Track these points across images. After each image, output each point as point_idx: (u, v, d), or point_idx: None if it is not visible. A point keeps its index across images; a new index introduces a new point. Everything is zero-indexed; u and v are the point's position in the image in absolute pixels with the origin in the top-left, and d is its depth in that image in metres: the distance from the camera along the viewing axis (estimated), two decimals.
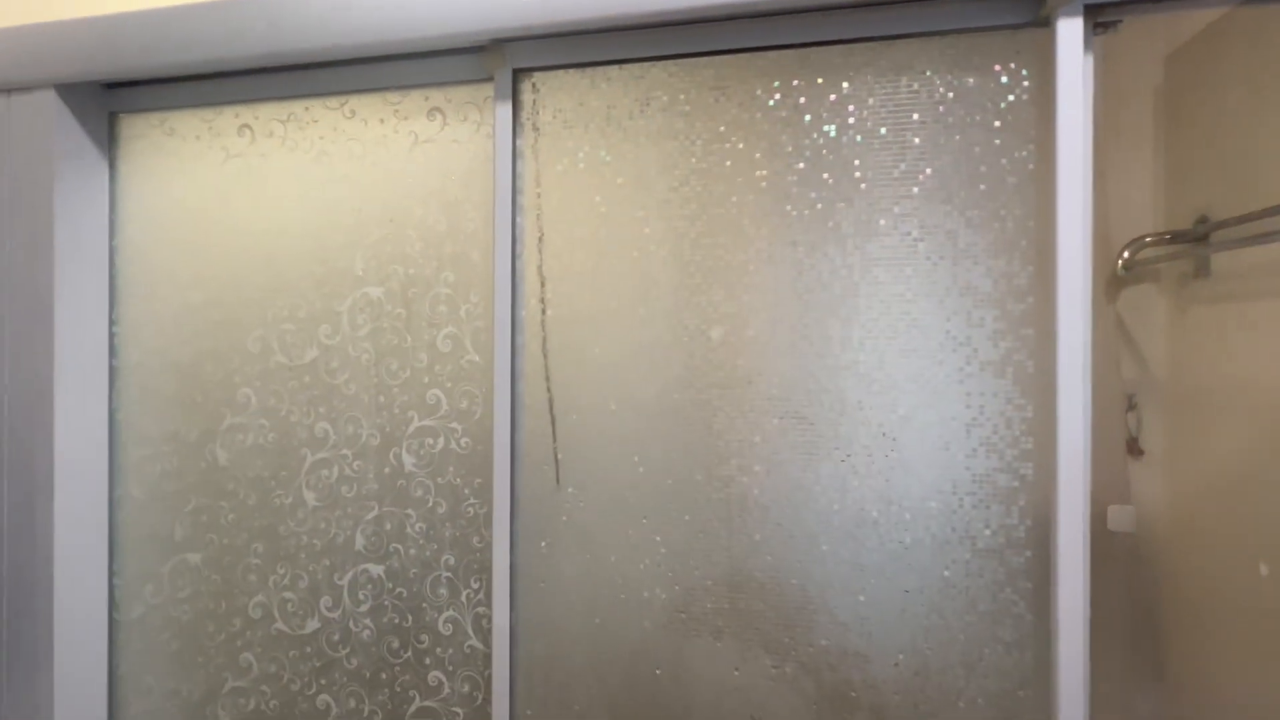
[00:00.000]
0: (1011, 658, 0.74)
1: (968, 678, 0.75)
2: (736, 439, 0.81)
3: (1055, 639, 0.72)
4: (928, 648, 0.76)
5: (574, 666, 0.86)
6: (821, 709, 0.78)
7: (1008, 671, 0.74)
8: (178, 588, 1.00)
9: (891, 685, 0.77)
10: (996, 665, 0.75)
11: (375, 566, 0.93)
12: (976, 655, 0.75)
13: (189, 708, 0.99)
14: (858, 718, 0.78)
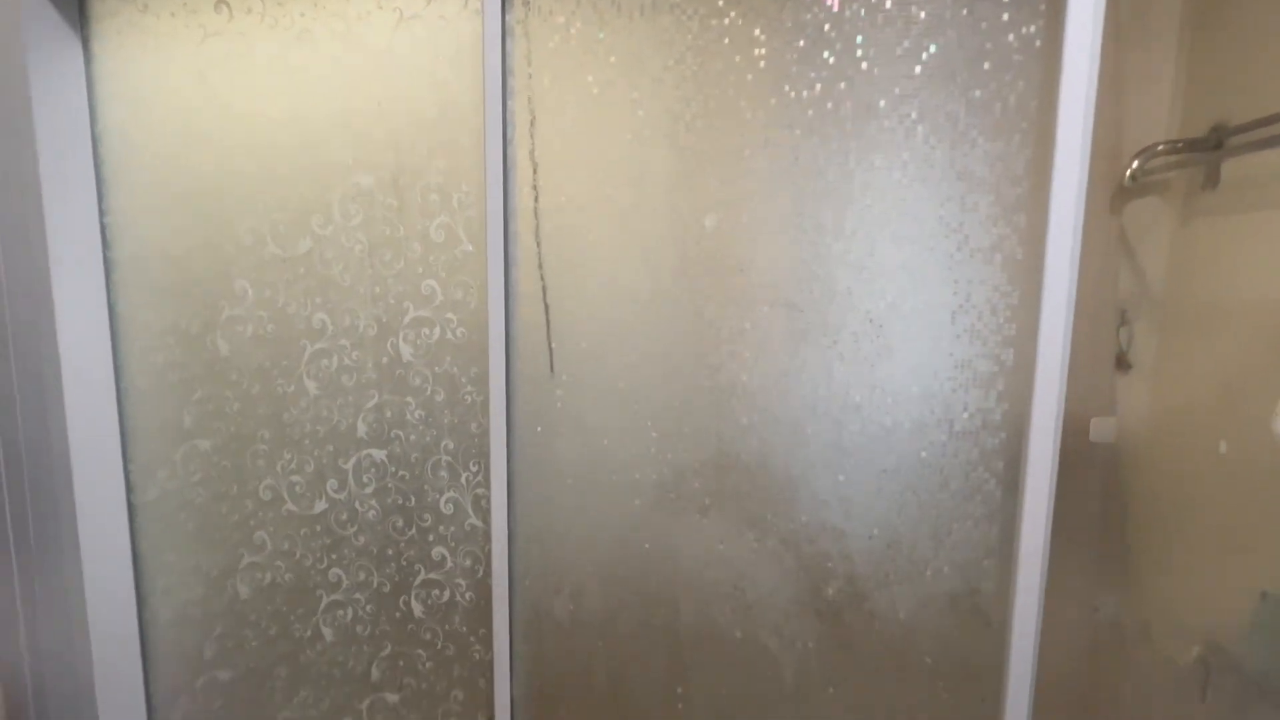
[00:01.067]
0: (979, 531, 0.79)
1: (936, 550, 0.80)
2: (727, 326, 0.83)
3: (1021, 510, 0.77)
4: (901, 523, 0.81)
5: (568, 542, 0.91)
6: (799, 579, 0.84)
7: (974, 543, 0.79)
8: (190, 472, 1.04)
9: (865, 557, 0.82)
10: (965, 538, 0.79)
11: (378, 451, 0.97)
12: (946, 530, 0.80)
13: (209, 581, 1.06)
14: (832, 586, 0.84)
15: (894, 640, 0.82)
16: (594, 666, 0.93)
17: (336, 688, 1.03)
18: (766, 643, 0.86)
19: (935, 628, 0.81)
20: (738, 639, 0.87)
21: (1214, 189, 1.33)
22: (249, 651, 1.05)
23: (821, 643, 0.84)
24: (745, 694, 0.87)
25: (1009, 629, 0.79)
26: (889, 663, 0.82)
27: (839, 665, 0.84)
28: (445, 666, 1.00)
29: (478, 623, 0.97)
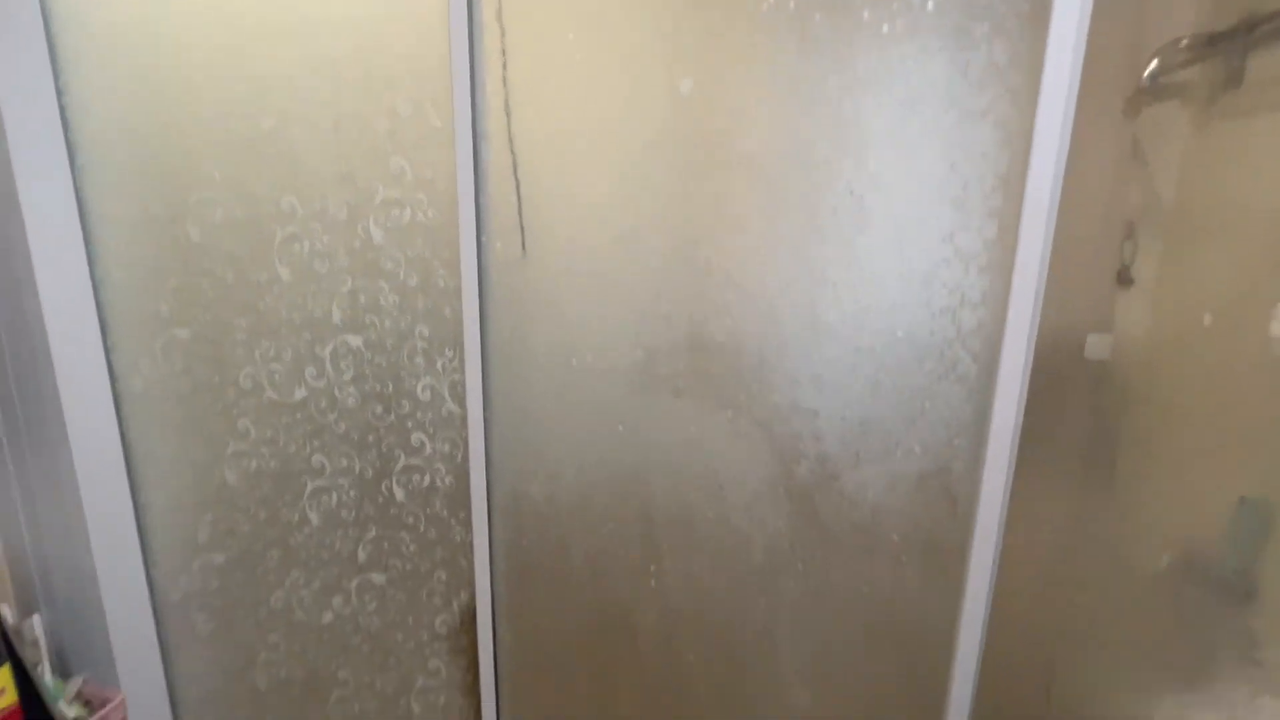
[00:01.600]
0: (951, 409, 0.78)
1: (907, 429, 0.80)
2: (703, 201, 0.80)
3: (994, 388, 0.76)
4: (873, 402, 0.80)
5: (544, 426, 0.92)
6: (770, 459, 0.85)
7: (947, 423, 0.79)
8: (172, 362, 1.05)
9: (837, 437, 0.82)
10: (937, 417, 0.79)
11: (354, 338, 0.97)
12: (919, 409, 0.79)
13: (200, 473, 1.09)
14: (802, 466, 0.84)
15: (863, 518, 0.83)
16: (570, 547, 0.95)
17: (325, 569, 1.07)
18: (738, 523, 0.88)
19: (904, 507, 0.82)
20: (710, 519, 0.88)
21: (1236, 89, 1.25)
22: (241, 535, 1.09)
23: (792, 521, 0.86)
24: (717, 572, 0.90)
25: (975, 507, 0.80)
26: (857, 540, 0.84)
27: (808, 543, 0.86)
28: (428, 549, 1.03)
29: (458, 506, 0.99)
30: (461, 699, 1.07)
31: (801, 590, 0.87)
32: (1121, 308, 1.57)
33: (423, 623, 1.06)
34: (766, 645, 0.90)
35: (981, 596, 0.83)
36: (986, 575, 0.83)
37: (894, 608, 0.85)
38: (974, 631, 0.84)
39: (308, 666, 1.12)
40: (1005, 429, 0.77)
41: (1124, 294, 1.58)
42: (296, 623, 1.11)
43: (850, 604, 0.86)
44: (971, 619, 0.84)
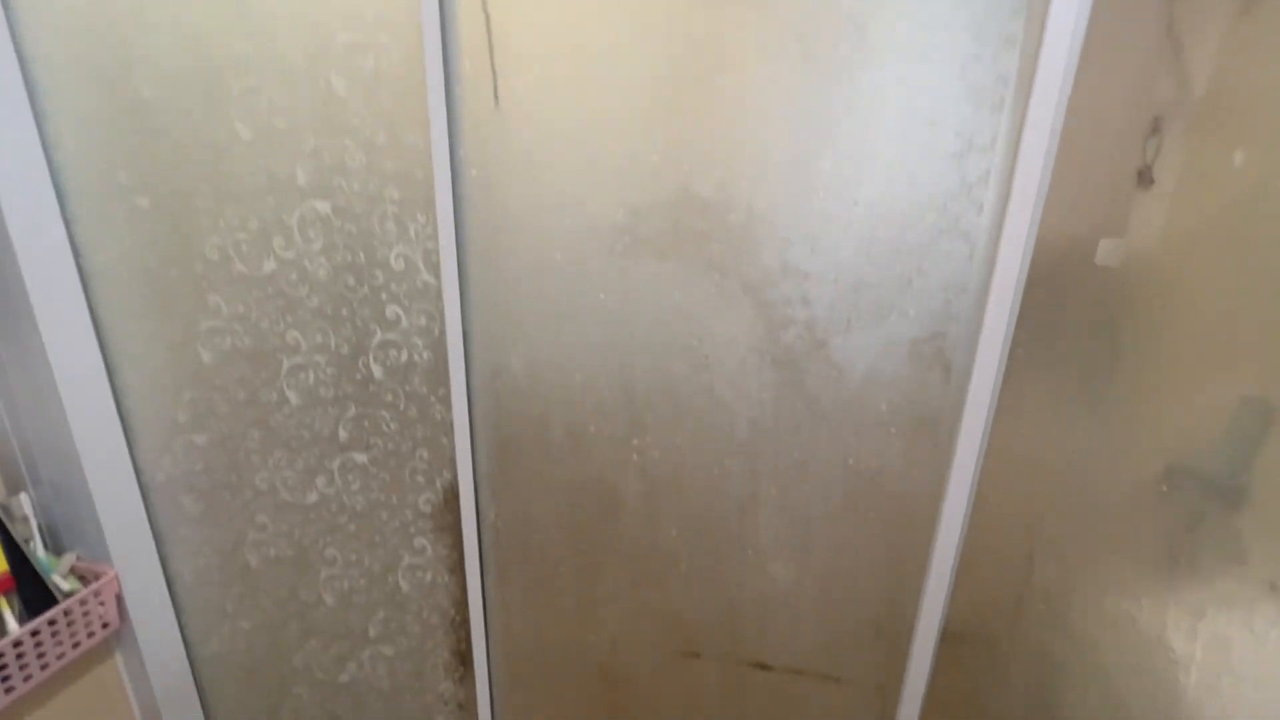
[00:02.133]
0: (950, 269, 0.74)
1: (902, 291, 0.76)
2: (691, 39, 0.73)
3: (999, 245, 0.71)
4: (869, 262, 0.76)
5: (522, 294, 0.88)
6: (756, 325, 0.81)
7: (944, 284, 0.75)
8: (136, 234, 1.00)
9: (828, 301, 0.78)
10: (935, 279, 0.75)
11: (321, 203, 0.92)
12: (915, 269, 0.75)
13: (174, 348, 1.06)
14: (790, 333, 0.81)
15: (851, 387, 0.81)
16: (552, 422, 0.93)
17: (307, 450, 1.06)
18: (723, 393, 0.85)
19: (894, 375, 0.79)
20: (694, 390, 0.86)
21: None
22: (221, 416, 1.07)
23: (778, 391, 0.83)
24: (700, 444, 0.88)
25: (969, 378, 0.77)
26: (844, 410, 0.82)
27: (794, 414, 0.83)
28: (408, 427, 1.01)
29: (436, 382, 0.97)
30: (448, 575, 1.08)
31: (786, 462, 0.86)
32: (1138, 210, 1.50)
33: (407, 501, 1.06)
34: (749, 518, 0.90)
35: (969, 471, 0.81)
36: (975, 450, 0.81)
37: (879, 480, 0.84)
38: (959, 506, 0.83)
39: (296, 545, 1.13)
40: (1006, 293, 0.73)
41: (1143, 196, 1.50)
42: (282, 503, 1.11)
43: (835, 476, 0.84)
44: (957, 493, 0.82)
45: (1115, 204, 1.52)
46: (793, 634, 0.94)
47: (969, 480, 0.81)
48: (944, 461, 0.81)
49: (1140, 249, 1.55)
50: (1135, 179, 1.56)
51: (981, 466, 0.81)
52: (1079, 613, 0.89)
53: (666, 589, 0.96)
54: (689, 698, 1.02)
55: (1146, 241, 1.54)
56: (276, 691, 1.26)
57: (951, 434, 0.80)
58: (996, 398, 0.78)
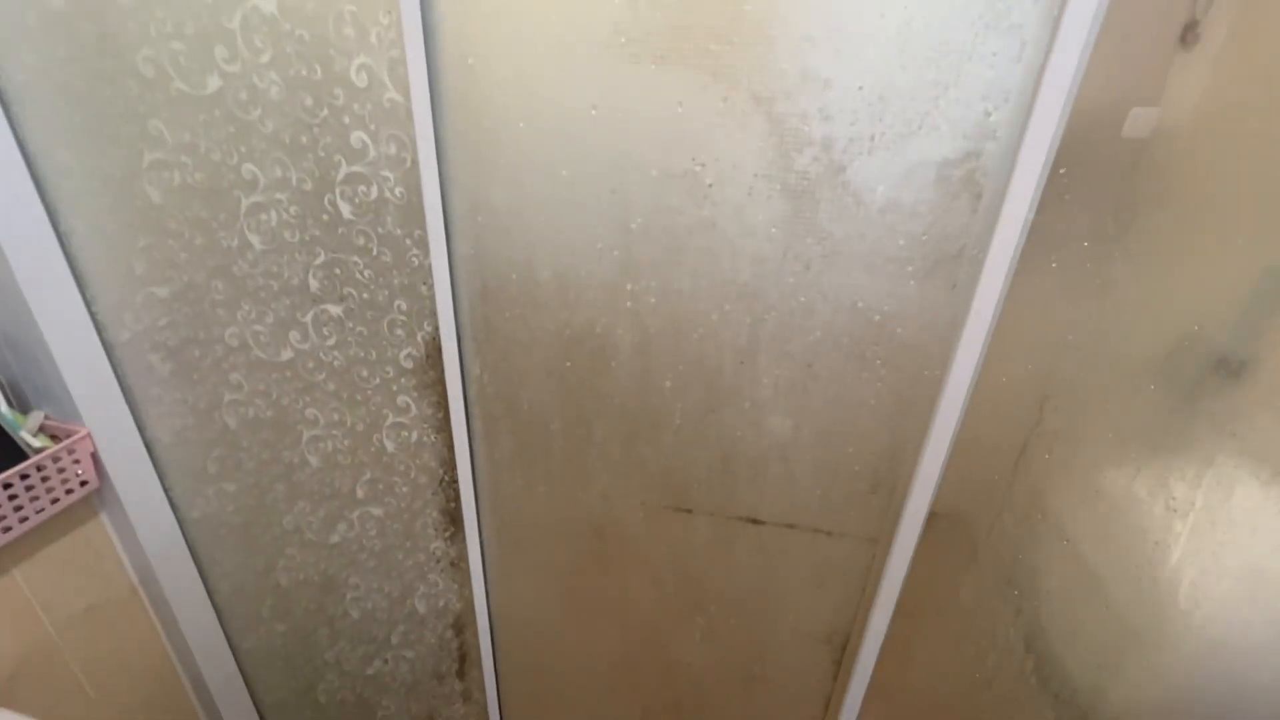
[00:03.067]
0: (995, 73, 0.64)
1: (936, 101, 0.67)
2: None
3: (1055, 36, 0.62)
4: (900, 65, 0.66)
5: (502, 109, 0.78)
6: (767, 146, 0.73)
7: (985, 92, 0.65)
8: (55, 44, 0.87)
9: (850, 114, 0.69)
10: (976, 84, 0.65)
11: (265, 2, 0.79)
12: (954, 73, 0.65)
13: (114, 185, 0.96)
14: (805, 155, 0.72)
15: (868, 219, 0.73)
16: (538, 264, 0.86)
17: (277, 301, 0.99)
18: (726, 228, 0.78)
19: (918, 203, 0.71)
20: (694, 224, 0.78)
21: None
22: (179, 265, 0.99)
23: (789, 225, 0.75)
24: (700, 288, 0.82)
25: (1001, 204, 0.69)
26: (858, 245, 0.75)
27: (804, 250, 0.76)
28: (383, 274, 0.94)
29: (412, 222, 0.89)
30: (434, 434, 1.05)
31: (791, 306, 0.80)
32: (1176, 75, 1.37)
33: (387, 357, 1.00)
34: (748, 368, 0.85)
35: (985, 320, 0.76)
36: (996, 295, 0.75)
37: (889, 326, 0.78)
38: (971, 355, 0.78)
39: (275, 405, 1.09)
40: (1056, 99, 0.64)
41: (1182, 58, 1.37)
42: (256, 360, 1.05)
43: (842, 321, 0.79)
44: (970, 344, 0.77)
45: (1152, 68, 1.39)
46: (787, 488, 0.92)
47: (984, 329, 0.75)
48: (961, 306, 0.75)
49: (1173, 119, 1.43)
50: (1179, 36, 1.41)
51: (999, 317, 0.75)
52: (1065, 493, 0.88)
53: (659, 444, 0.93)
54: (680, 552, 1.02)
55: (1181, 109, 1.42)
56: (269, 553, 1.27)
57: (974, 274, 0.73)
58: (1026, 235, 0.71)
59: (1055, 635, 0.93)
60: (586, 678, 1.23)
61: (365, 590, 1.28)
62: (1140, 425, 0.93)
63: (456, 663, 1.34)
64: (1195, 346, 1.04)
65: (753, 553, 0.99)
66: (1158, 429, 0.92)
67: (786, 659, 1.09)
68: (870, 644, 0.99)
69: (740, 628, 1.07)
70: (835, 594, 1.00)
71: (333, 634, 1.37)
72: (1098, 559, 0.85)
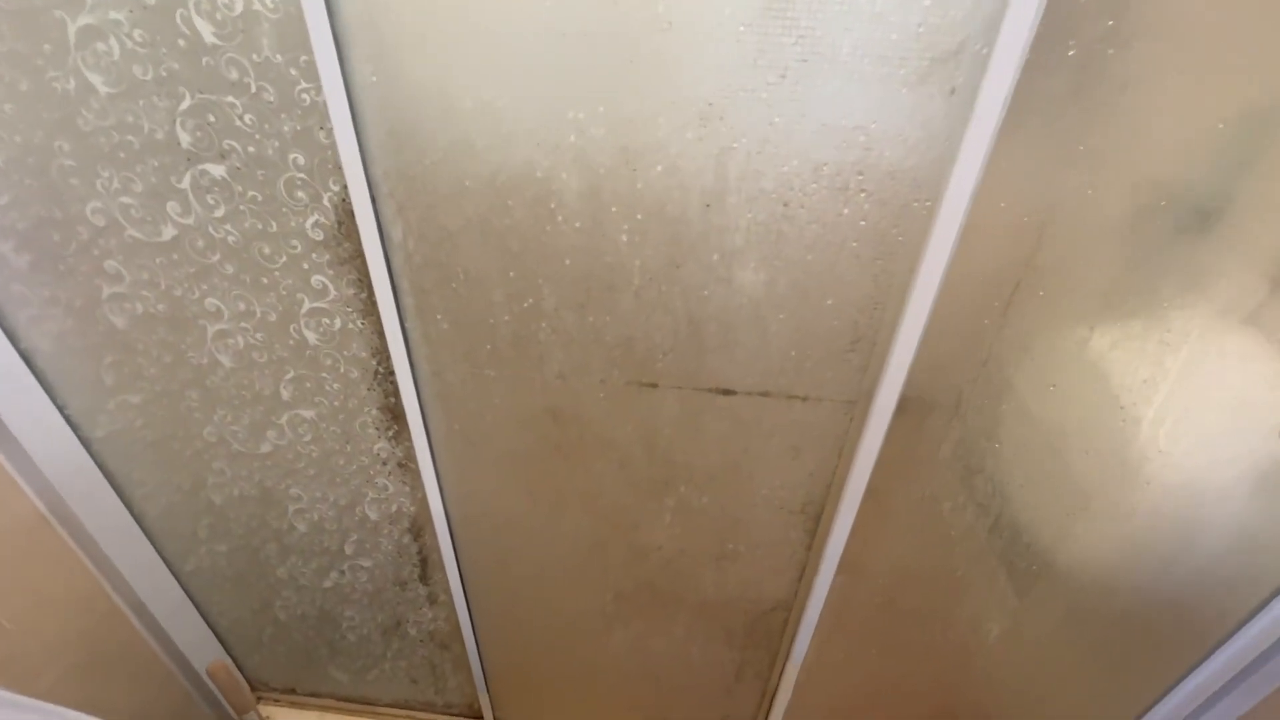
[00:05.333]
0: None
1: None
2: None
3: None
4: None
5: None
6: None
7: None
8: None
9: None
10: None
11: None
12: None
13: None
14: None
15: (854, 9, 0.61)
16: (456, 86, 0.71)
17: (141, 162, 0.81)
18: (684, 29, 0.64)
19: None
20: (649, 27, 0.64)
21: None
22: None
23: (760, 20, 0.62)
24: (658, 111, 0.69)
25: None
26: (851, 51, 0.62)
27: (781, 58, 0.64)
28: (269, 118, 0.76)
29: (295, 45, 0.70)
30: (360, 319, 0.92)
31: (763, 131, 0.68)
32: None
33: (291, 228, 0.84)
34: (716, 212, 0.74)
35: (989, 126, 0.65)
36: (1003, 94, 0.64)
37: (878, 152, 0.68)
38: (969, 174, 0.68)
39: (166, 296, 0.93)
40: None
41: None
42: (132, 242, 0.88)
43: (825, 144, 0.68)
44: (970, 158, 0.67)
45: None
46: (760, 352, 0.84)
47: (986, 143, 0.65)
48: (959, 116, 0.64)
49: None
50: None
51: (1001, 127, 0.65)
52: (1055, 332, 0.82)
53: (617, 310, 0.83)
54: (646, 431, 0.95)
55: None
56: (194, 468, 1.15)
57: (976, 74, 0.62)
58: (1041, 17, 0.60)
59: (1026, 483, 0.91)
60: (555, 566, 1.19)
61: (309, 501, 1.18)
62: (1151, 251, 0.87)
63: (418, 567, 1.28)
64: (1168, 198, 0.98)
65: (724, 425, 0.92)
66: (1126, 286, 0.86)
67: (759, 533, 1.06)
68: (845, 513, 0.96)
69: (712, 504, 1.03)
70: (810, 463, 0.95)
71: (281, 549, 1.29)
72: (1085, 404, 0.82)
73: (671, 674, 1.36)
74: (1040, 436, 0.88)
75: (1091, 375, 0.79)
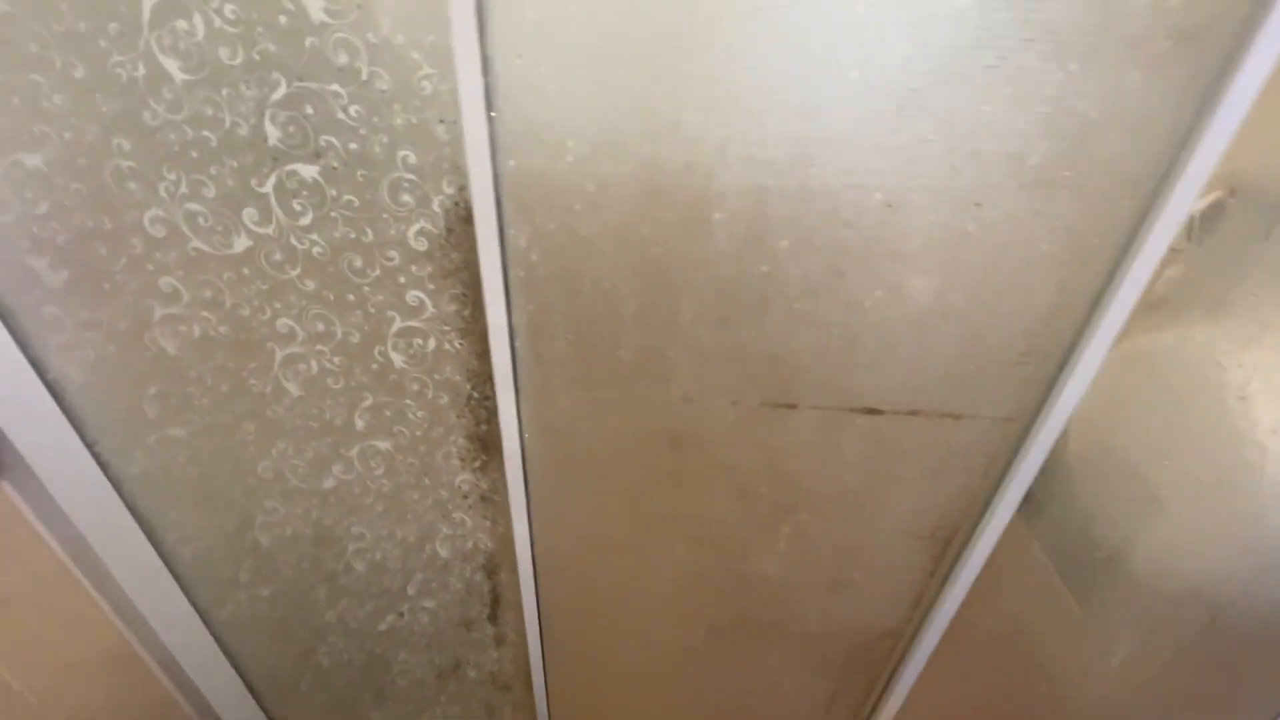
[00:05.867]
0: None
1: None
2: None
3: None
4: None
5: None
6: None
7: None
8: None
9: None
10: None
11: None
12: None
13: None
14: None
15: None
16: (607, 57, 0.62)
17: (217, 163, 0.70)
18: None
19: None
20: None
21: None
22: (50, 114, 0.67)
23: None
24: (842, 89, 0.61)
25: None
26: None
27: (997, 16, 0.57)
28: (379, 109, 0.66)
29: (421, 24, 0.61)
30: (459, 339, 0.81)
31: (967, 119, 0.61)
32: None
33: (390, 237, 0.74)
34: (895, 215, 0.66)
35: (1242, 102, 0.60)
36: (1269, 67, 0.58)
37: (1098, 130, 0.61)
38: (1206, 161, 0.62)
39: (230, 317, 0.81)
40: None
41: None
42: (195, 255, 0.76)
43: (1031, 134, 0.61)
44: (1210, 146, 0.61)
45: None
46: (917, 367, 0.76)
47: (1217, 150, 0.59)
48: (1196, 112, 0.58)
49: None
50: None
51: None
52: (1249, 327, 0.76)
53: (765, 325, 0.74)
54: (772, 455, 0.86)
55: None
56: (242, 507, 1.02)
57: (1223, 67, 0.56)
58: None
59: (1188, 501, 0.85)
60: (645, 601, 1.09)
61: (372, 539, 1.06)
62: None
63: (488, 606, 1.17)
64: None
65: (862, 447, 0.85)
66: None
67: (879, 559, 0.98)
68: (987, 536, 0.89)
69: (832, 531, 0.95)
70: (949, 485, 0.88)
71: (333, 592, 1.16)
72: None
73: (756, 706, 1.27)
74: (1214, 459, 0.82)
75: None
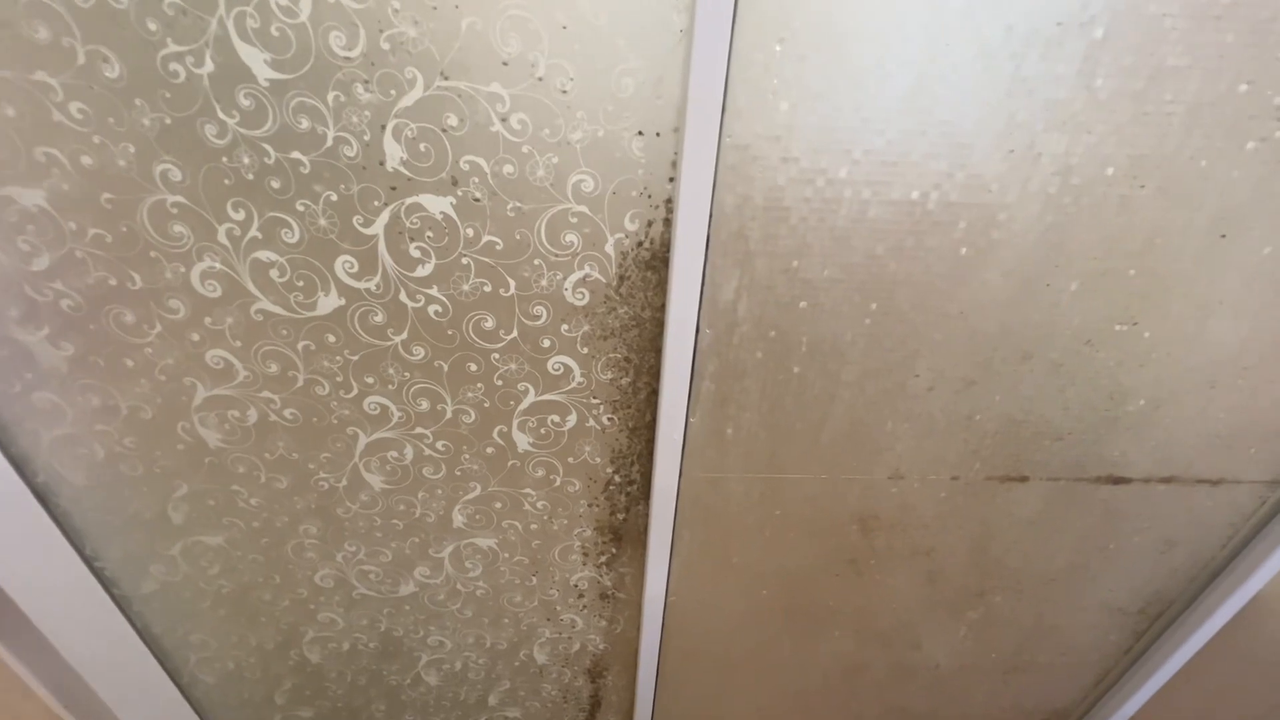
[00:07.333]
0: None
1: None
2: None
3: None
4: None
5: None
6: None
7: None
8: None
9: None
10: None
11: None
12: None
13: None
14: None
15: None
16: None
17: None
18: None
19: None
20: None
21: None
22: None
23: None
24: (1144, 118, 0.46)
25: None
26: None
27: None
28: None
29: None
30: (610, 414, 0.62)
31: None
32: None
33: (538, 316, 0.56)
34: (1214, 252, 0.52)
35: None
36: None
37: None
38: None
39: (308, 406, 0.61)
40: None
41: None
42: (263, 317, 0.57)
43: None
44: None
45: None
46: (1186, 430, 0.62)
47: None
48: None
49: None
50: None
51: None
52: None
53: (1013, 388, 0.59)
54: (983, 532, 0.71)
55: None
56: (286, 622, 0.81)
57: None
58: None
59: None
60: (786, 699, 0.92)
61: (454, 648, 0.86)
62: None
63: (584, 712, 0.97)
64: None
65: (1092, 520, 0.70)
66: None
67: (1071, 639, 0.84)
68: (1223, 609, 0.76)
69: (1026, 613, 0.80)
70: (1179, 557, 0.74)
71: (393, 708, 0.95)
72: None
73: None
74: None
75: None
